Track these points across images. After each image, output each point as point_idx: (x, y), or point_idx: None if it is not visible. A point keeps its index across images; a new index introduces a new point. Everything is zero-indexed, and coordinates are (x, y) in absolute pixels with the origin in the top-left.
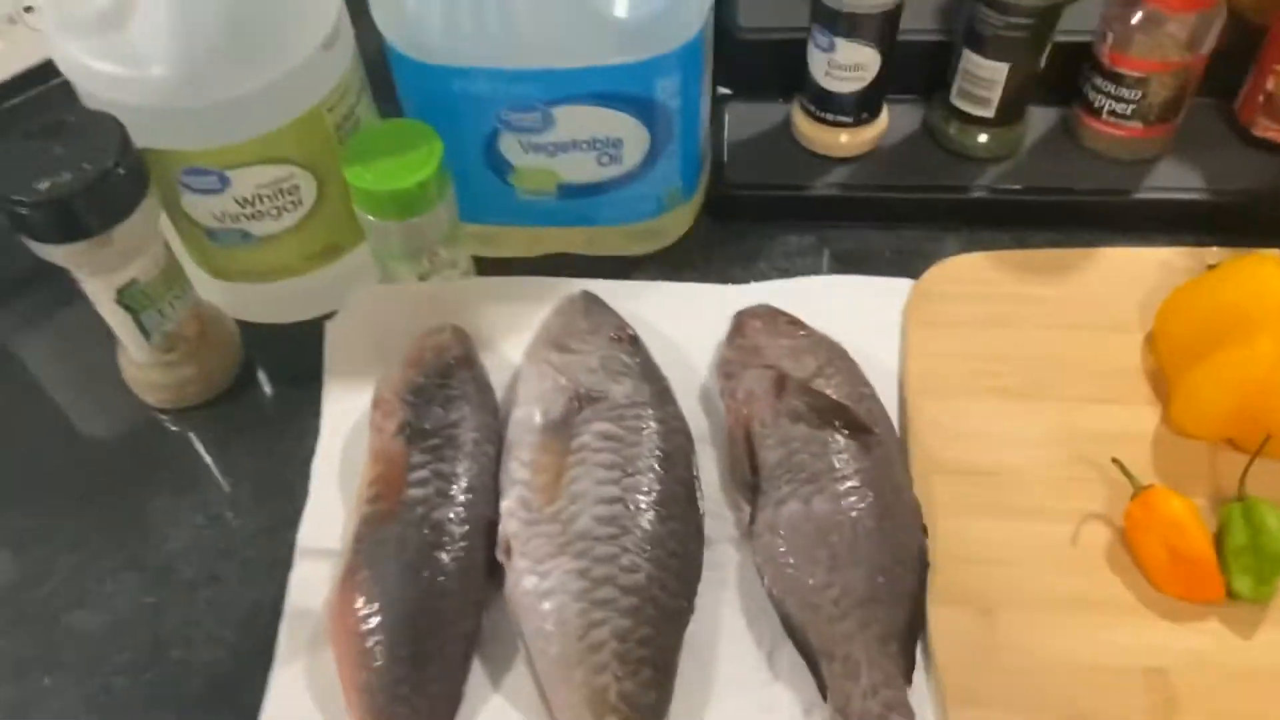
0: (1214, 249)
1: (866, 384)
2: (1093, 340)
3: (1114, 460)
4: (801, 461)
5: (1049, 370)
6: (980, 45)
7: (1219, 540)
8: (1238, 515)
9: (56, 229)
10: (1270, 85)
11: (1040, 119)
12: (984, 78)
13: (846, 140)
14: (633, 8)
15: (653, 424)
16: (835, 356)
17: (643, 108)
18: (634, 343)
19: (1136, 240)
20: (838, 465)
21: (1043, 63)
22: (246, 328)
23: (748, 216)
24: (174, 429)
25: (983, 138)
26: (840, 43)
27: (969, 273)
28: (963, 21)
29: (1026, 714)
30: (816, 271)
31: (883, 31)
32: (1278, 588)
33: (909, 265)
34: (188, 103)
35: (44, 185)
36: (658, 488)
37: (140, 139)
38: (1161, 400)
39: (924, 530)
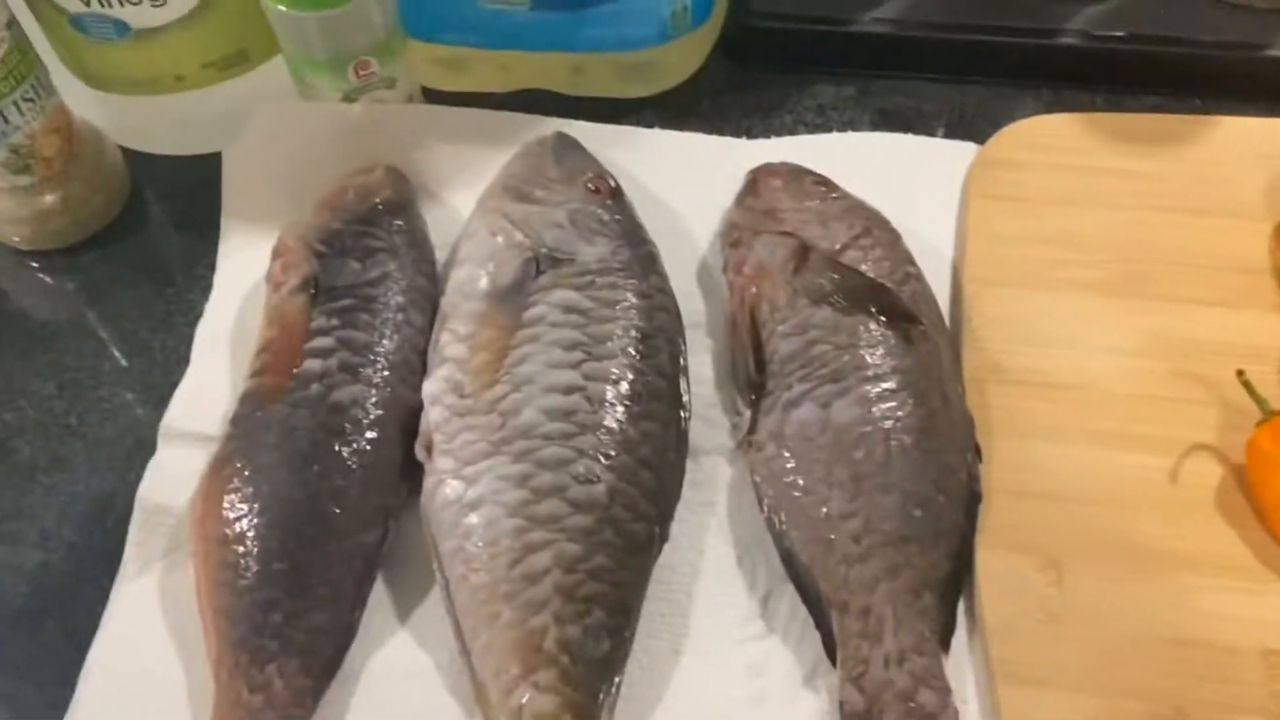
0: None
1: (913, 263)
2: (1206, 228)
3: (1239, 375)
4: (822, 354)
5: (1147, 262)
6: None
7: None
8: None
9: None
10: None
11: None
12: None
13: None
14: None
15: (630, 296)
16: (874, 225)
17: None
18: (615, 196)
19: (1265, 112)
20: (869, 360)
21: None
22: (136, 158)
23: (773, 58)
24: (30, 273)
25: None
26: None
27: (1050, 137)
28: None
29: (1099, 699)
30: (856, 130)
31: None
32: None
33: (974, 131)
34: None
35: None
36: (629, 377)
37: None
38: None
39: (977, 452)
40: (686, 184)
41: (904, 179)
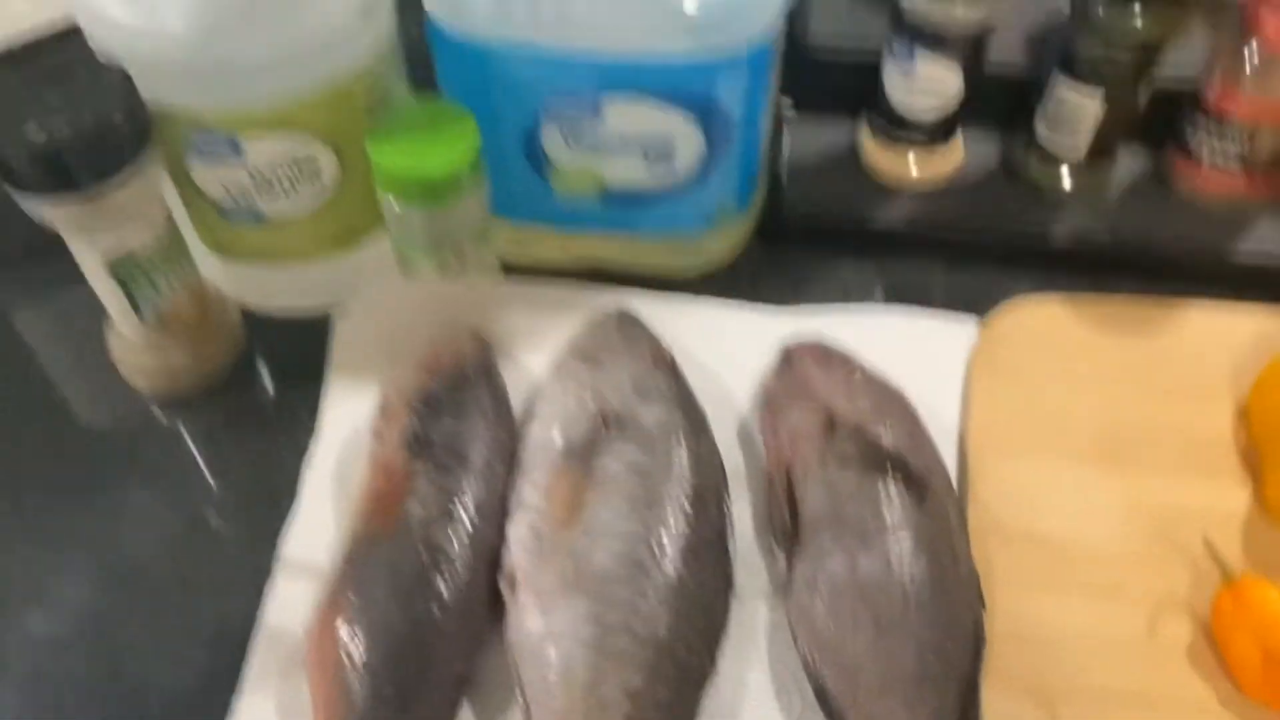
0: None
1: (924, 433)
2: (1179, 406)
3: (1206, 542)
4: (849, 514)
5: (1130, 435)
6: (1076, 72)
7: None
8: None
9: (44, 180)
10: None
11: (1130, 162)
12: (1075, 111)
13: (917, 169)
14: None
15: (686, 456)
16: (892, 400)
17: (702, 109)
18: (671, 367)
19: (1229, 299)
20: (890, 521)
21: (1143, 100)
22: (250, 315)
23: (802, 242)
24: (161, 419)
25: (1066, 177)
26: (922, 56)
27: (1043, 317)
28: (1057, 47)
29: None
30: (871, 302)
31: (967, 51)
32: None
33: (974, 304)
34: (204, 60)
35: (35, 132)
36: (686, 529)
37: (152, 95)
38: (1254, 479)
39: (981, 602)
40: (729, 350)
41: (915, 349)
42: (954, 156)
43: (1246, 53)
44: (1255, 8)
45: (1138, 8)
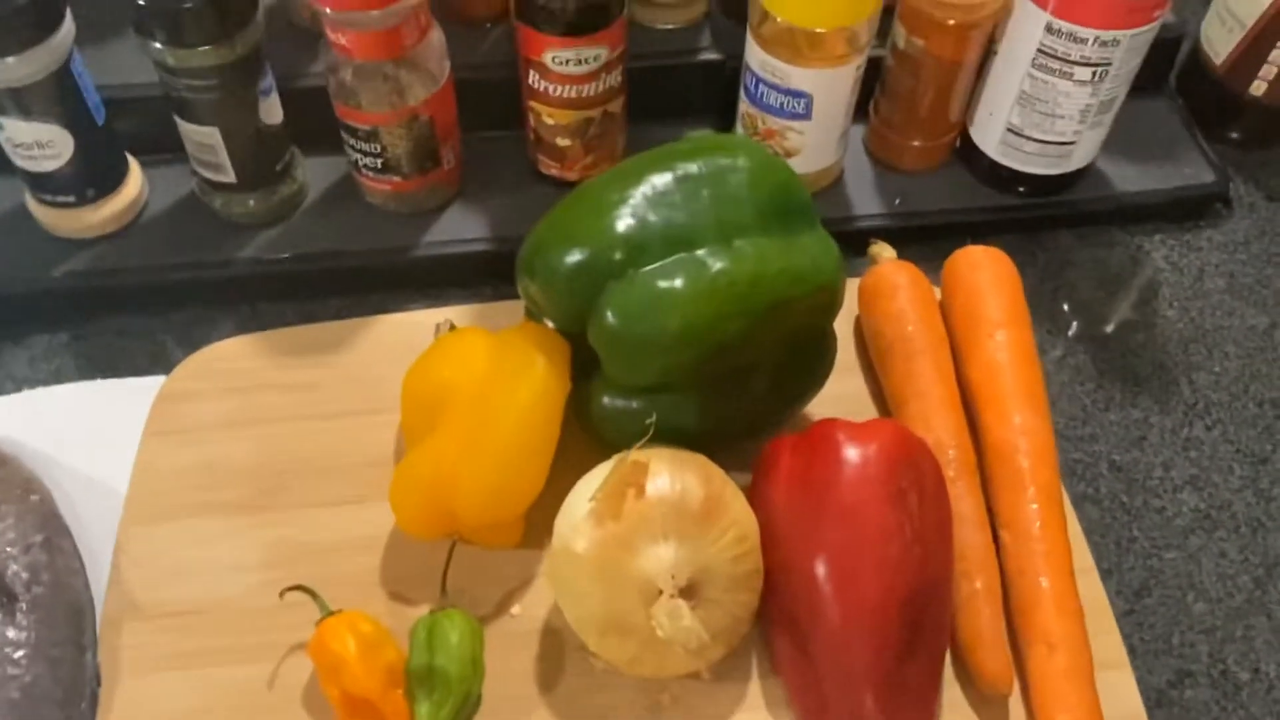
0: (451, 310)
1: (44, 529)
2: (348, 429)
3: (296, 588)
4: None
5: (286, 474)
6: (185, 112)
7: None
8: (421, 631)
9: None
10: (533, 122)
11: (325, 173)
12: (204, 143)
13: (91, 218)
14: None
15: None
16: (5, 499)
17: None
18: None
19: (436, 300)
20: None
21: (267, 119)
22: None
23: None
24: None
25: (250, 202)
26: (8, 122)
27: (227, 363)
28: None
29: None
30: (66, 377)
31: (62, 103)
32: (460, 711)
33: (184, 357)
34: None
35: None
36: None
37: None
38: None
39: (95, 700)
40: None
41: (96, 425)
42: (123, 200)
43: (344, 65)
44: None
45: (155, 45)
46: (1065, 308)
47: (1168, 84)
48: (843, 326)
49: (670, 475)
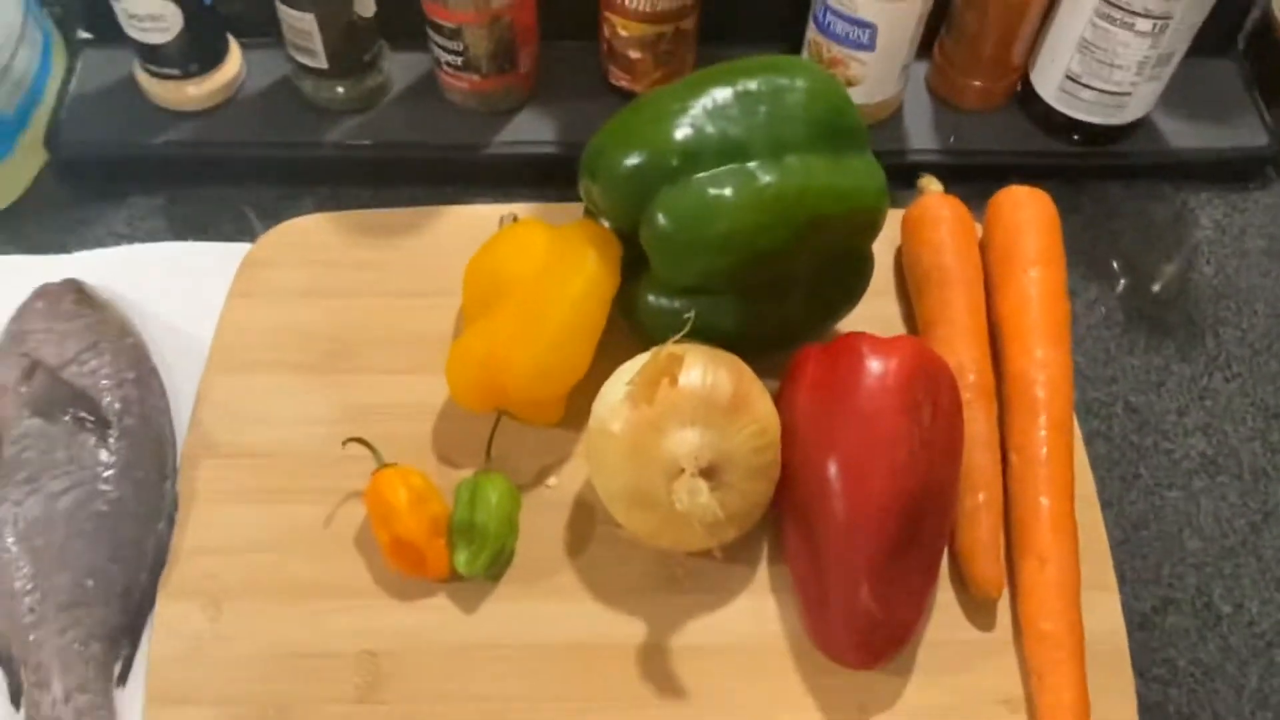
0: (517, 205)
1: (137, 368)
2: (411, 307)
3: (354, 439)
4: (25, 459)
5: (353, 342)
6: None
7: None
8: (465, 491)
9: None
10: (608, 33)
11: (409, 69)
12: (300, 29)
13: (193, 91)
14: None
15: None
16: (105, 338)
17: None
18: None
19: (503, 197)
20: (60, 461)
21: (361, 10)
22: None
23: (94, 178)
24: None
25: (339, 89)
26: None
27: (307, 237)
28: None
29: (232, 706)
30: (161, 237)
31: None
32: (494, 563)
33: (262, 230)
34: None
35: None
36: None
37: None
38: None
39: (170, 522)
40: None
41: (186, 282)
42: (223, 77)
43: None
44: None
45: None
46: (1104, 256)
47: (1235, 46)
48: (884, 255)
49: (703, 369)
